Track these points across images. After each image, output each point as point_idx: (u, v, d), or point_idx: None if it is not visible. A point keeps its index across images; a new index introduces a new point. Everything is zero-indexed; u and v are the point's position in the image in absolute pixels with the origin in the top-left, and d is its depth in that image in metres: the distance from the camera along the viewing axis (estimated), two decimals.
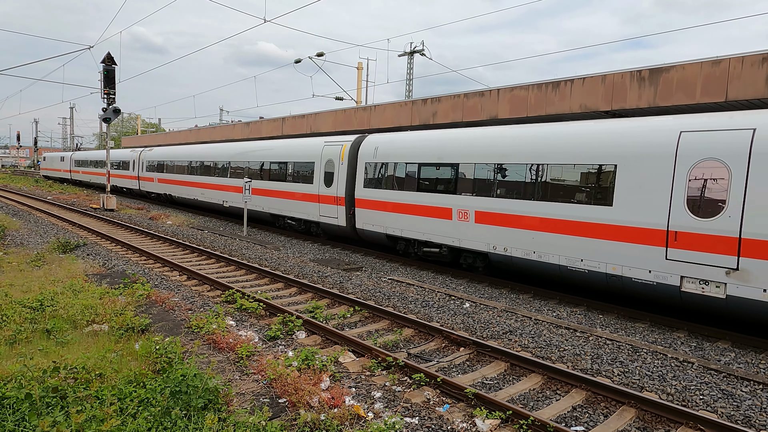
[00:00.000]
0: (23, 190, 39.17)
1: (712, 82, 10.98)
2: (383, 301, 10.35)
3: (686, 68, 11.41)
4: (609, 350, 7.83)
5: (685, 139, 8.65)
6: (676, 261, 8.64)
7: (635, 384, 6.66)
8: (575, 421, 5.72)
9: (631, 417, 5.76)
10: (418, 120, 18.22)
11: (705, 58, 11.13)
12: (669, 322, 9.24)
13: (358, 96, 31.75)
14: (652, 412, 5.79)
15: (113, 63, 25.32)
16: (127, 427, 4.21)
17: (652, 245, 8.91)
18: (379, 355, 7.01)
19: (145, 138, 50.72)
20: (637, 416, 5.81)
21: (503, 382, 6.76)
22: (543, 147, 10.73)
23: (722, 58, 10.85)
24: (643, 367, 7.18)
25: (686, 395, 6.34)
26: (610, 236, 9.49)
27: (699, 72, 11.18)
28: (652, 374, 6.96)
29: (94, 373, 5.17)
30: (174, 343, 6.02)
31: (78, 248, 14.82)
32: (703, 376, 6.93)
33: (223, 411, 4.95)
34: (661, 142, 8.94)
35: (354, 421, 5.27)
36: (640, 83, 12.20)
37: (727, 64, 10.75)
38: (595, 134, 10.03)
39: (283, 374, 6.00)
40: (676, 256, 8.63)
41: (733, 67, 10.66)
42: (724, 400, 6.23)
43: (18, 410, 4.23)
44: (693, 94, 11.31)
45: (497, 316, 9.51)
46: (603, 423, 5.63)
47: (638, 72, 12.25)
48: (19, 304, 8.03)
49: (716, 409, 6.02)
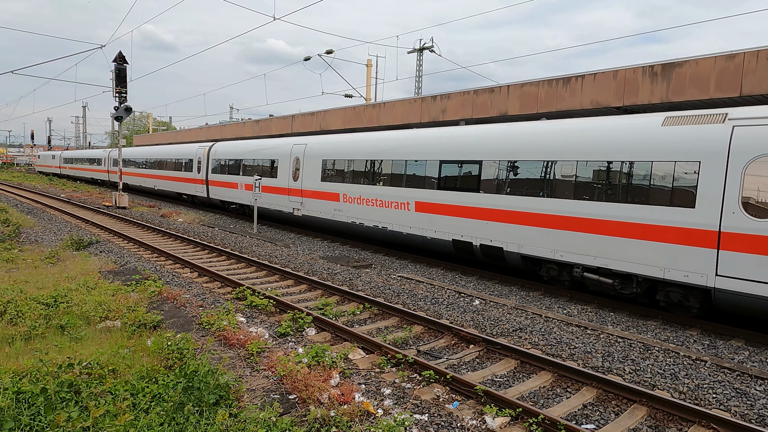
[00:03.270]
0: (37, 188, 39.69)
1: (727, 76, 10.83)
2: (393, 298, 10.36)
3: (700, 63, 11.26)
4: (620, 348, 7.77)
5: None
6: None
7: (647, 382, 6.61)
8: (586, 419, 5.70)
9: (643, 415, 5.72)
10: (427, 117, 18.18)
11: (719, 53, 10.98)
12: (681, 320, 9.15)
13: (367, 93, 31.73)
14: (664, 411, 5.75)
15: (125, 62, 25.54)
16: (140, 422, 4.26)
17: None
18: (389, 352, 7.02)
19: (145, 137, 52.55)
20: (648, 415, 5.76)
21: (513, 379, 6.74)
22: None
23: (737, 52, 10.69)
24: (655, 365, 7.12)
25: (699, 394, 6.28)
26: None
27: (713, 67, 11.03)
28: (664, 372, 6.90)
29: (108, 369, 5.24)
30: (186, 340, 6.08)
31: (91, 245, 15.00)
32: (716, 375, 6.86)
33: (234, 407, 5.00)
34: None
35: (363, 417, 5.29)
36: (652, 78, 12.07)
37: (741, 59, 10.59)
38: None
39: (294, 371, 6.04)
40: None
41: (747, 62, 10.50)
42: (737, 399, 6.17)
43: (33, 404, 4.30)
44: (707, 89, 11.17)
45: (507, 313, 9.48)
46: (614, 421, 5.60)
47: (650, 67, 12.11)
48: (34, 300, 8.15)
49: (730, 407, 5.96)
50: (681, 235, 8.57)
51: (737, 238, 7.94)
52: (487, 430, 5.25)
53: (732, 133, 8.09)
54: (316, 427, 5.01)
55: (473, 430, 5.26)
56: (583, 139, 10.01)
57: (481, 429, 5.27)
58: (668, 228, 8.72)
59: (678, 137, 8.69)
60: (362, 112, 21.55)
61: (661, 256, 8.82)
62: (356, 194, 15.53)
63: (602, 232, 9.58)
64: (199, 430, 4.35)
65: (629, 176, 9.20)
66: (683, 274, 8.61)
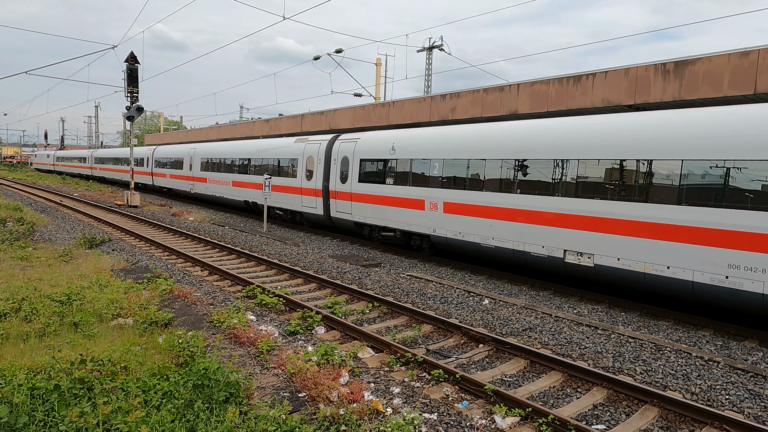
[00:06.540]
0: (51, 187, 40.19)
1: (740, 74, 10.68)
2: (402, 297, 10.36)
3: (713, 60, 11.11)
4: (631, 348, 7.71)
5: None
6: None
7: (658, 383, 6.54)
8: (596, 420, 5.66)
9: (654, 416, 5.67)
10: (437, 116, 18.14)
11: (733, 50, 10.83)
12: (694, 320, 9.05)
13: (376, 92, 31.72)
14: (675, 412, 5.69)
15: (136, 62, 25.77)
16: (151, 419, 4.31)
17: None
18: (398, 350, 7.02)
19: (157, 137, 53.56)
20: (660, 415, 5.71)
21: (523, 379, 6.71)
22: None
23: (751, 49, 10.53)
24: (667, 366, 7.06)
25: (711, 395, 6.21)
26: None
27: (726, 64, 10.88)
28: (676, 373, 6.83)
29: (120, 366, 5.29)
30: (196, 337, 6.12)
31: (103, 244, 15.17)
32: (729, 376, 6.78)
33: (244, 404, 5.03)
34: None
35: (373, 416, 5.30)
36: (664, 76, 11.94)
37: (756, 56, 10.44)
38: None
39: (303, 369, 6.06)
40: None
41: (762, 59, 10.35)
42: (751, 401, 6.09)
43: (47, 400, 4.36)
44: (720, 87, 11.02)
45: (517, 312, 9.44)
46: (625, 422, 5.55)
47: (662, 65, 11.98)
48: (47, 298, 8.26)
49: (743, 409, 5.89)
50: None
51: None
52: (496, 430, 5.24)
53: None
54: (326, 425, 5.03)
55: (482, 429, 5.24)
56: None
57: (490, 428, 5.26)
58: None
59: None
60: (372, 111, 21.55)
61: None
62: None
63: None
64: (210, 428, 4.38)
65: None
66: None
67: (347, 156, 16.66)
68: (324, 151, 17.85)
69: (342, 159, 16.90)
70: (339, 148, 17.13)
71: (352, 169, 16.37)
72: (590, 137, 10.21)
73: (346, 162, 16.70)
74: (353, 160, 16.37)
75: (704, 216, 8.48)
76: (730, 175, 8.22)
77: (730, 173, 8.23)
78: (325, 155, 17.79)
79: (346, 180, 16.64)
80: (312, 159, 18.42)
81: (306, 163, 18.73)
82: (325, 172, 17.76)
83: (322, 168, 17.85)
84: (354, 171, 16.31)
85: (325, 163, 17.78)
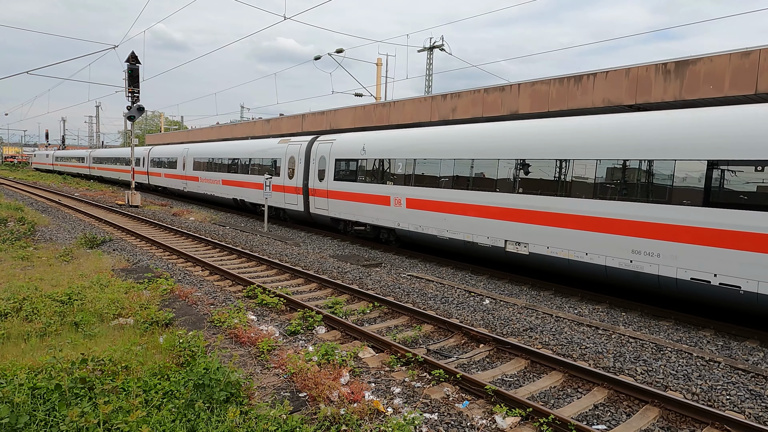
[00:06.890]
0: (52, 186, 40.22)
1: (741, 74, 10.67)
2: (402, 297, 10.36)
3: (714, 60, 11.10)
4: (632, 348, 7.71)
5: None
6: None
7: (659, 383, 6.54)
8: (597, 420, 5.66)
9: (655, 416, 5.67)
10: (437, 116, 18.14)
11: (734, 50, 10.82)
12: (694, 321, 9.05)
13: (377, 92, 31.72)
14: (676, 412, 5.69)
15: (137, 62, 25.77)
16: (152, 419, 4.31)
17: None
18: (399, 350, 7.02)
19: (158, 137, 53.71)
20: (660, 416, 5.71)
21: (523, 379, 6.71)
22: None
23: (752, 49, 10.53)
24: (668, 366, 7.05)
25: (712, 395, 6.21)
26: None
27: (727, 64, 10.87)
28: (677, 373, 6.82)
29: (120, 366, 5.30)
30: (197, 337, 6.13)
31: (104, 244, 15.18)
32: (729, 376, 6.77)
33: (245, 404, 5.03)
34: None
35: (373, 415, 5.30)
36: (665, 76, 11.93)
37: (757, 56, 10.43)
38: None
39: (304, 369, 6.06)
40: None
41: (763, 59, 10.34)
42: (751, 401, 6.09)
43: (48, 400, 4.37)
44: (721, 87, 11.01)
45: (517, 312, 9.44)
46: (626, 422, 5.55)
47: (663, 65, 11.97)
48: (48, 297, 8.27)
49: (743, 409, 5.88)
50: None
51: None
52: (497, 430, 5.24)
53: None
54: (326, 425, 5.03)
55: (483, 429, 5.24)
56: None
57: (491, 428, 5.26)
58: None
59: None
60: (372, 111, 21.55)
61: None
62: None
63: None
64: (210, 427, 4.39)
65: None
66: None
67: (324, 156, 17.66)
68: (304, 151, 18.70)
69: (320, 159, 17.86)
70: (317, 149, 18.12)
71: (329, 168, 17.37)
72: (506, 140, 11.87)
73: (324, 161, 17.66)
74: (329, 160, 17.38)
75: (613, 208, 9.67)
76: (628, 172, 9.55)
77: (627, 170, 9.55)
78: (305, 155, 18.62)
79: (323, 178, 17.63)
80: (294, 159, 19.16)
81: (288, 162, 19.45)
82: (305, 171, 18.61)
83: (303, 167, 18.71)
84: (330, 170, 17.31)
85: (305, 163, 18.62)
